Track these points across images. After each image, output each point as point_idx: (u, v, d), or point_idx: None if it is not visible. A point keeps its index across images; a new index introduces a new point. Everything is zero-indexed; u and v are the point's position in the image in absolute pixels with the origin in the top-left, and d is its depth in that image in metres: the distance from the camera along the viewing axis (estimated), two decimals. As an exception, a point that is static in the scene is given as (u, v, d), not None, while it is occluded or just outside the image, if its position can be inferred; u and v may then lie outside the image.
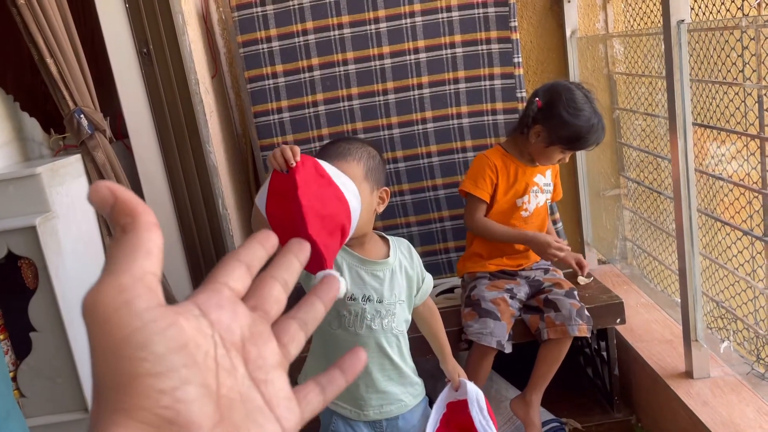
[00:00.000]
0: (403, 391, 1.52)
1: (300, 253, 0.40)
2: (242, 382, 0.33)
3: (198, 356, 0.31)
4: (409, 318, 1.54)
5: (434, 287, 1.67)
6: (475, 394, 1.59)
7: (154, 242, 0.32)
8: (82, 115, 1.93)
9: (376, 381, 1.48)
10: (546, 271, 2.08)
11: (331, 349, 1.47)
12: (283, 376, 0.35)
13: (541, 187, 2.04)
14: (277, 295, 0.37)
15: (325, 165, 1.20)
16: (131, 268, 0.31)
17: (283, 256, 0.39)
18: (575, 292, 1.96)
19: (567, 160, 2.01)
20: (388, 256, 1.48)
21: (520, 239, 1.98)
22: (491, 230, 1.98)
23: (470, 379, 1.67)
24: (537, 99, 1.93)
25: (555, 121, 1.88)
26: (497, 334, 1.87)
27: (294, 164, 1.15)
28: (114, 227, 0.33)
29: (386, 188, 1.47)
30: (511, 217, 2.01)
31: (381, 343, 1.46)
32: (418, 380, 1.57)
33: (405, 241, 1.56)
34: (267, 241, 0.38)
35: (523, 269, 2.07)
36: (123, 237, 0.32)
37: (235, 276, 0.36)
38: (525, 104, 2.05)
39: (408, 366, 1.54)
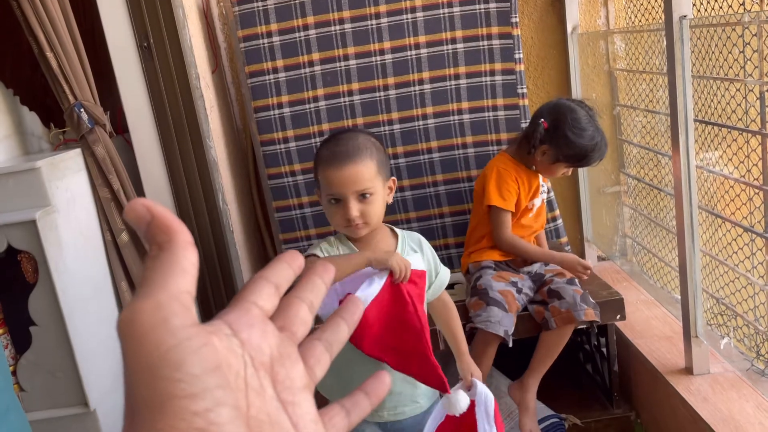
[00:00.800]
0: (419, 392, 1.48)
1: (325, 274, 0.39)
2: (270, 403, 0.32)
3: (230, 376, 0.31)
4: None
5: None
6: (484, 396, 1.52)
7: (190, 261, 0.32)
8: (82, 110, 1.93)
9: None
10: (547, 263, 2.09)
11: None
12: (310, 398, 0.35)
13: (542, 187, 2.13)
14: (304, 316, 0.37)
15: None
16: (167, 285, 0.31)
17: (309, 277, 0.39)
18: (576, 281, 1.99)
19: (570, 173, 2.10)
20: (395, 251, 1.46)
21: (549, 258, 2.05)
22: (522, 248, 2.03)
23: None
24: (542, 120, 1.98)
25: (560, 141, 1.95)
26: (505, 323, 1.88)
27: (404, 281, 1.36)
28: (149, 244, 0.32)
29: (393, 177, 1.46)
30: (522, 218, 2.08)
31: None
32: None
33: (416, 235, 1.53)
34: (294, 261, 0.38)
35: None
36: (159, 255, 0.32)
37: (264, 295, 0.35)
38: (528, 124, 2.11)
39: None
